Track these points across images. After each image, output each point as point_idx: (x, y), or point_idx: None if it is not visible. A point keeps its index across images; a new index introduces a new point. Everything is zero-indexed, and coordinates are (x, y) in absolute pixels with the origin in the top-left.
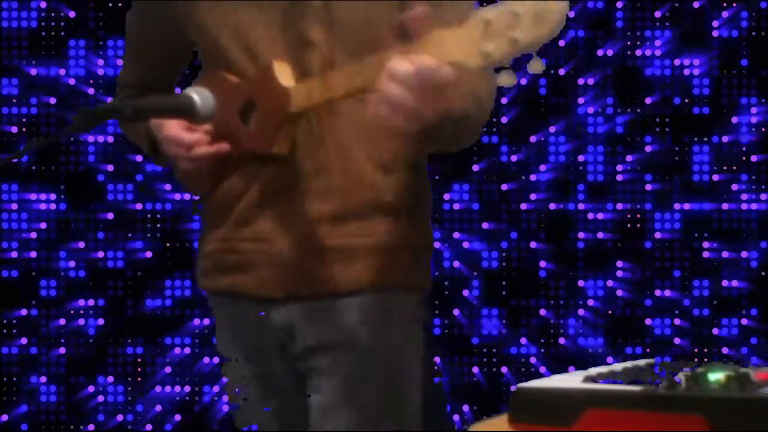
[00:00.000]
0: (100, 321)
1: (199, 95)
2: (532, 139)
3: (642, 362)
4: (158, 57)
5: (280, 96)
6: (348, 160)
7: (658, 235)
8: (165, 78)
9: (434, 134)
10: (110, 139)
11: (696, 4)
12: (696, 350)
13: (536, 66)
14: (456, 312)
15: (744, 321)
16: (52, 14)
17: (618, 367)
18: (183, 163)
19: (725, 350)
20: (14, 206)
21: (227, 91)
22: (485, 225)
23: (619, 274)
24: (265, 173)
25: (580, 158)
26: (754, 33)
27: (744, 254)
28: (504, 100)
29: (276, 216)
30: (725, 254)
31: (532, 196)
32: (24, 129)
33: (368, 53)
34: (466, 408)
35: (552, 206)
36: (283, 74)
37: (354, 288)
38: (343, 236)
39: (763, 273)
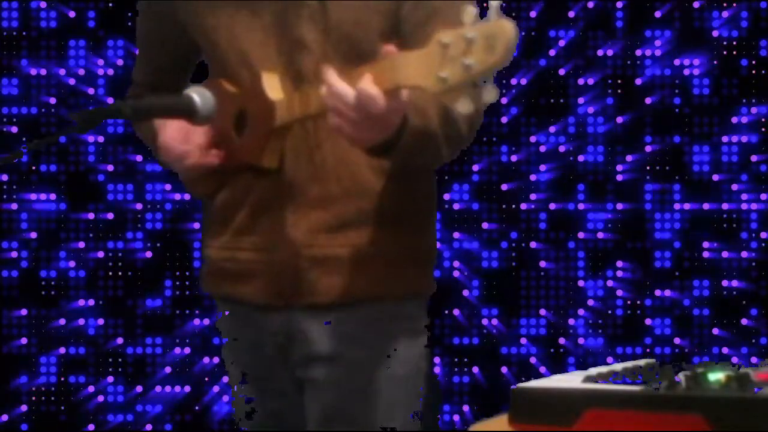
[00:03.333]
0: (100, 321)
1: (199, 95)
2: (532, 139)
3: (642, 362)
4: (164, 58)
5: (267, 109)
6: (345, 168)
7: (658, 235)
8: (172, 80)
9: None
10: (110, 139)
11: (696, 4)
12: (696, 350)
13: (490, 95)
14: (456, 312)
15: (744, 321)
16: (52, 14)
17: (618, 367)
18: (178, 169)
19: (725, 350)
20: (14, 206)
21: (223, 100)
22: (485, 225)
23: (619, 274)
24: (262, 182)
25: (580, 158)
26: (754, 33)
27: (744, 254)
28: (504, 100)
29: (273, 225)
30: (725, 254)
31: (532, 196)
32: (24, 129)
33: (360, 59)
34: (466, 408)
35: (552, 206)
36: (271, 86)
37: (352, 298)
38: (341, 245)
39: (763, 273)
